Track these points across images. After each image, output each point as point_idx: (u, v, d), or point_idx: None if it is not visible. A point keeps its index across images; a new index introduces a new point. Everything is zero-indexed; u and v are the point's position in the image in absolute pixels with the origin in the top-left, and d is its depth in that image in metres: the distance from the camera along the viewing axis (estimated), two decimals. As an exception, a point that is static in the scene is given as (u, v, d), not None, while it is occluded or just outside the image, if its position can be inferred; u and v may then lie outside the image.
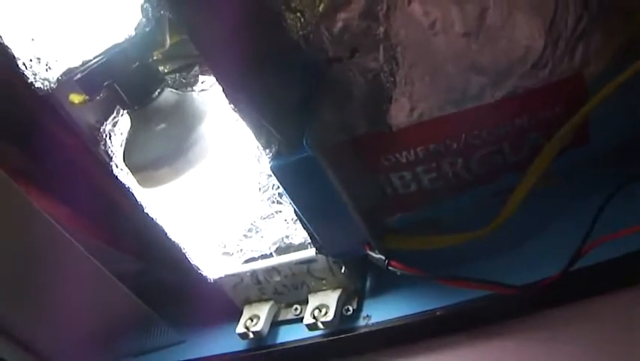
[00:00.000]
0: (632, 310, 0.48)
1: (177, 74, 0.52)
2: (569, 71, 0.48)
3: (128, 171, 0.50)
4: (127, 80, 0.47)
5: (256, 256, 0.56)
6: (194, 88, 0.51)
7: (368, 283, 0.57)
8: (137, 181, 0.50)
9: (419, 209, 0.56)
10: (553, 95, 0.49)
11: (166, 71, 0.52)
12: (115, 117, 0.52)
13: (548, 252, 0.50)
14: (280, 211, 0.54)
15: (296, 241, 0.55)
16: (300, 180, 0.47)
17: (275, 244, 0.55)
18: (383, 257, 0.49)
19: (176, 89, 0.51)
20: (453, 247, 0.54)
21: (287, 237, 0.55)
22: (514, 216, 0.53)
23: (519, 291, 0.48)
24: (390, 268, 0.49)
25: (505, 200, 0.53)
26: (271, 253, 0.55)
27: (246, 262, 0.56)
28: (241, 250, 0.56)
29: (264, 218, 0.55)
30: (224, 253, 0.57)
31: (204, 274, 0.56)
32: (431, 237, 0.54)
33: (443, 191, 0.55)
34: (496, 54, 0.47)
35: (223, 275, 0.56)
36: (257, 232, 0.56)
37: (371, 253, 0.50)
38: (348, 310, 0.55)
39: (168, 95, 0.49)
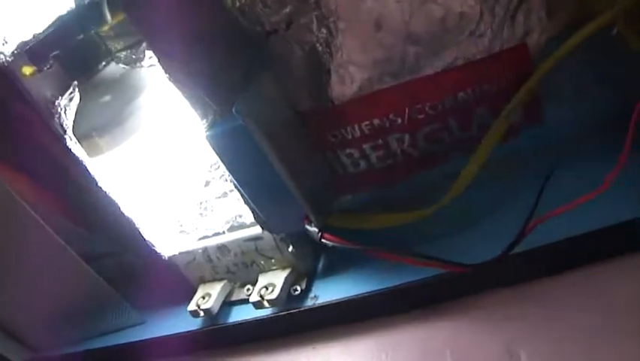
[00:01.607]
0: (582, 290, 0.46)
1: (128, 51, 0.53)
2: (511, 40, 0.46)
3: (77, 141, 0.51)
4: (72, 52, 0.49)
5: (209, 235, 0.56)
6: (143, 64, 0.53)
7: (320, 265, 0.56)
8: (84, 150, 0.51)
9: (372, 189, 0.55)
10: (496, 66, 0.48)
11: (118, 47, 0.53)
12: (71, 93, 0.54)
13: (498, 233, 0.48)
14: (233, 190, 0.55)
15: (248, 220, 0.55)
16: (232, 149, 0.47)
17: (228, 222, 0.55)
18: (317, 230, 0.48)
19: (127, 64, 0.52)
20: (405, 226, 0.53)
21: (240, 216, 0.55)
22: (466, 196, 0.52)
23: (462, 269, 0.47)
24: (323, 240, 0.48)
25: (458, 181, 0.52)
26: (224, 232, 0.56)
27: (199, 240, 0.56)
28: (196, 228, 0.56)
29: (218, 197, 0.56)
30: (180, 232, 0.57)
31: (158, 251, 0.57)
32: (375, 215, 0.52)
33: (394, 171, 0.54)
34: (430, 22, 0.46)
35: (177, 253, 0.57)
36: (211, 210, 0.56)
37: (307, 226, 0.49)
38: (296, 290, 0.54)
39: (114, 68, 0.51)
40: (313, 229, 0.49)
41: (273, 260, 0.54)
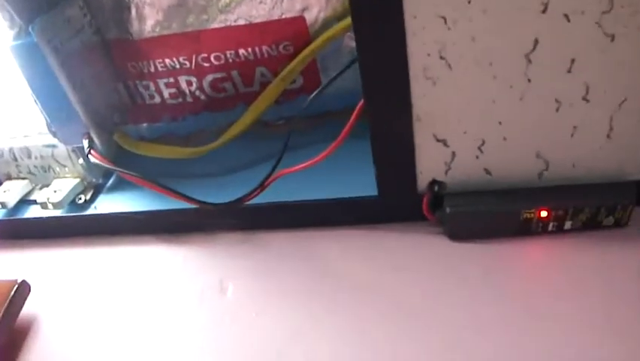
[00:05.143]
0: (298, 246, 0.52)
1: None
2: (290, 11, 0.52)
3: None
4: None
5: (19, 136, 0.61)
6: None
7: (110, 182, 0.62)
8: None
9: (164, 122, 0.60)
10: (274, 32, 0.53)
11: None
12: None
13: (253, 183, 0.53)
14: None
15: (53, 128, 0.60)
16: (29, 63, 0.52)
17: (38, 127, 0.60)
18: (87, 146, 0.54)
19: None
20: (185, 161, 0.59)
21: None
22: (239, 145, 0.57)
23: (200, 205, 0.52)
24: (89, 156, 0.54)
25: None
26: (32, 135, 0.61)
27: (7, 139, 0.61)
28: (8, 126, 0.61)
29: (35, 101, 0.60)
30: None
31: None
32: (149, 145, 0.58)
33: (184, 108, 0.59)
34: (213, -18, 0.51)
35: (-11, 146, 0.62)
36: (26, 113, 0.61)
37: (84, 140, 0.55)
38: (80, 198, 0.60)
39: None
40: (85, 144, 0.54)
41: (66, 168, 0.60)
